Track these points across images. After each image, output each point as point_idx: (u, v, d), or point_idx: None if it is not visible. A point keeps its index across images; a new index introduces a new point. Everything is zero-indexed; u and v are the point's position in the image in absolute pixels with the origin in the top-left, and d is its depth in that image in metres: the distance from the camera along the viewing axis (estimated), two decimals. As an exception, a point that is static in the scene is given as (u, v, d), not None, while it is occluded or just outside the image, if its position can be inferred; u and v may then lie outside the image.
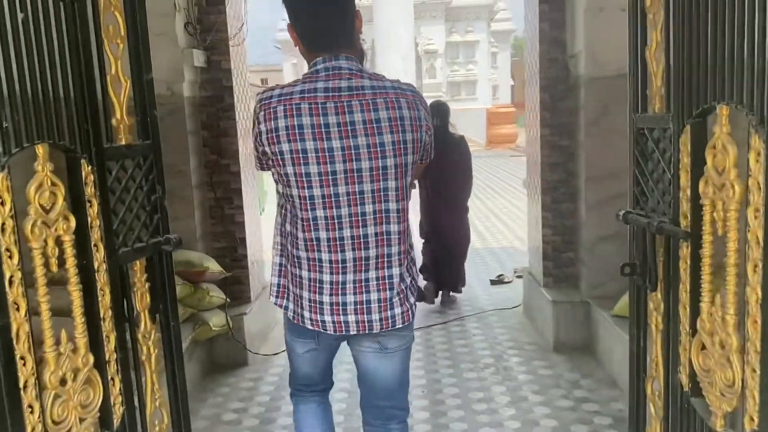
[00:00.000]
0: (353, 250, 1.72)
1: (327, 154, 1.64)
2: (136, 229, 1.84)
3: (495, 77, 34.74)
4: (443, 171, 4.59)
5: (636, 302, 2.14)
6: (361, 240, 1.71)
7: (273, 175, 1.77)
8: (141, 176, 1.89)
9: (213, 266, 3.65)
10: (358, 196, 1.68)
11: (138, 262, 1.90)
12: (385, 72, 2.09)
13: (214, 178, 4.01)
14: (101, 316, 1.64)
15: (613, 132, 3.67)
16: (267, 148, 1.69)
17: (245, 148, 4.17)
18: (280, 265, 1.86)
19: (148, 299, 1.95)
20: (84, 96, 1.58)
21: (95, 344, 1.61)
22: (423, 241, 5.08)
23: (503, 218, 9.33)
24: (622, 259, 2.16)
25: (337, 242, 1.71)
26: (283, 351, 3.02)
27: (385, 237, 1.73)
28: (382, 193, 1.69)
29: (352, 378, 3.10)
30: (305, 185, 1.68)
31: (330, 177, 1.66)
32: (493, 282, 5.63)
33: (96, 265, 1.62)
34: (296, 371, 2.04)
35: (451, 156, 4.78)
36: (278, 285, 1.87)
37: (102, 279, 1.65)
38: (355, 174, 1.66)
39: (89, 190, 1.61)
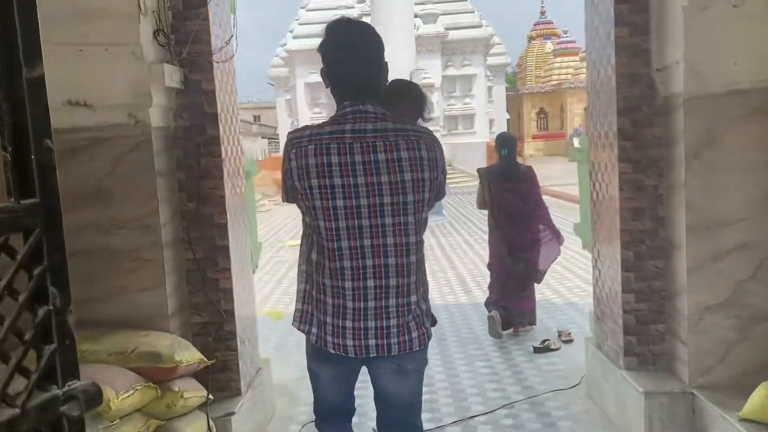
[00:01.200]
0: (375, 278, 1.86)
1: (353, 189, 1.81)
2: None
3: (491, 111, 34.22)
4: (514, 200, 4.77)
5: None
6: (382, 269, 1.86)
7: (301, 207, 1.92)
8: (15, 269, 0.94)
9: (188, 356, 2.66)
10: (380, 229, 1.84)
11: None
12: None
13: (193, 233, 3.05)
14: None
15: (724, 168, 2.78)
16: (297, 183, 1.85)
17: (234, 191, 3.23)
18: (305, 291, 1.98)
19: None
20: None
21: None
22: (492, 271, 5.12)
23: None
24: (738, 334, 1.21)
25: (360, 271, 1.85)
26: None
27: (405, 267, 1.87)
28: (403, 227, 1.85)
29: (363, 403, 2.56)
30: (332, 218, 1.83)
31: (355, 210, 1.82)
32: (536, 349, 4.64)
33: None
34: (320, 396, 2.12)
35: (521, 185, 4.86)
36: (302, 311, 1.98)
37: None
38: (378, 208, 1.83)
39: None
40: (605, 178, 3.27)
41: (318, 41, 1.95)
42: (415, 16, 28.19)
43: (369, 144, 1.81)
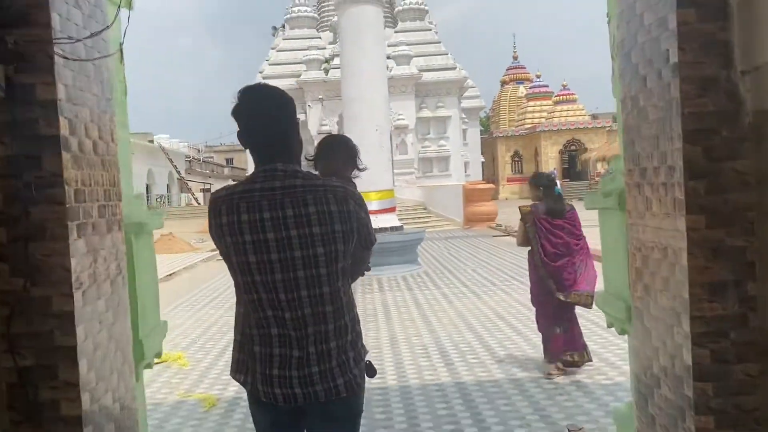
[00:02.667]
0: (294, 329, 1.89)
1: (263, 245, 1.86)
2: None
3: (466, 153, 33.63)
4: (563, 235, 4.92)
5: None
6: (299, 320, 1.89)
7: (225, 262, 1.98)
8: None
9: None
10: (292, 282, 1.88)
11: None
12: (360, 145, 2.76)
13: (17, 328, 1.90)
14: None
15: None
16: (215, 241, 1.95)
17: (94, 258, 2.09)
18: (239, 341, 2.00)
19: None
20: None
21: None
22: (539, 308, 5.15)
23: (522, 330, 7.12)
24: None
25: (281, 321, 1.90)
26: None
27: (321, 316, 1.90)
28: (315, 279, 1.89)
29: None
30: (247, 272, 1.89)
31: (267, 265, 1.87)
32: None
33: None
34: None
35: (567, 221, 5.02)
36: (237, 360, 2.01)
37: None
38: (289, 262, 1.87)
39: None
40: (659, 236, 2.21)
41: (289, 81, 2.47)
42: (388, 57, 27.65)
43: (277, 201, 1.86)
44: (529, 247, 5.08)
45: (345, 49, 11.76)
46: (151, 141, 42.98)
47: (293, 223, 1.83)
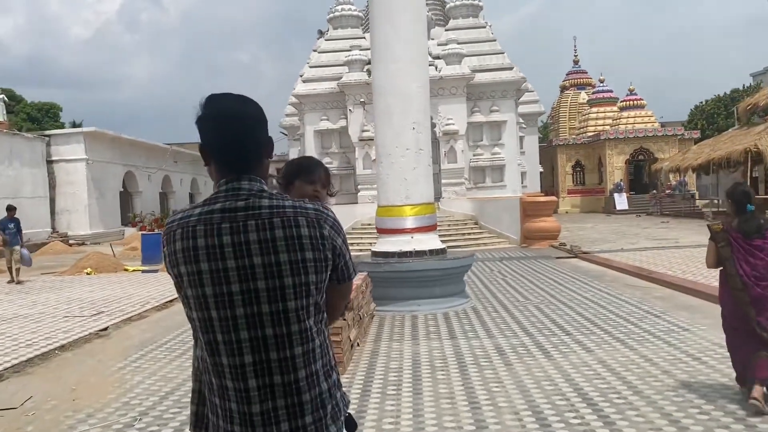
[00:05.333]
0: (256, 377, 1.62)
1: (222, 274, 1.62)
2: None
3: (523, 162, 30.82)
4: (755, 258, 4.52)
5: None
6: (264, 365, 1.62)
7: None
8: None
9: None
10: (256, 318, 1.62)
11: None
12: (394, 147, 3.44)
13: None
14: None
15: None
16: (169, 271, 1.72)
17: None
18: (197, 391, 1.84)
19: None
20: None
21: None
22: (733, 337, 4.73)
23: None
24: None
25: (239, 369, 1.62)
26: None
27: (290, 361, 1.63)
28: (283, 315, 1.63)
29: None
30: (203, 307, 1.65)
31: (226, 298, 1.63)
32: None
33: None
34: None
35: (762, 244, 4.55)
36: (195, 413, 1.86)
37: None
38: (252, 294, 1.62)
39: None
40: None
41: (330, 84, 8.49)
42: (437, 57, 25.28)
43: (240, 223, 1.63)
44: (720, 268, 4.74)
45: (376, 29, 9.43)
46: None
47: (258, 249, 1.61)
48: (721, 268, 4.72)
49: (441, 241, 9.92)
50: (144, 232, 22.77)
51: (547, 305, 9.14)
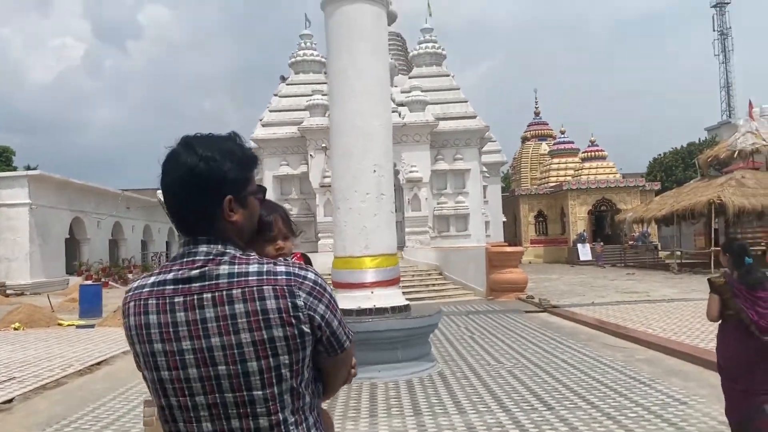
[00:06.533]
0: None
1: (178, 357, 1.41)
2: None
3: (486, 212, 30.28)
4: (762, 308, 4.40)
5: None
6: None
7: None
8: None
9: None
10: (221, 409, 1.40)
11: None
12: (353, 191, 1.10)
13: None
14: None
15: None
16: (129, 348, 1.53)
17: None
18: None
19: None
20: None
21: None
22: (730, 384, 4.57)
23: None
24: None
25: None
26: None
27: None
28: (249, 406, 1.40)
29: None
30: (160, 393, 1.45)
31: (184, 384, 1.41)
32: None
33: None
34: None
35: (760, 293, 4.45)
36: None
37: None
38: (213, 381, 1.40)
39: None
40: None
41: (291, 129, 8.00)
42: (401, 104, 24.81)
43: (194, 297, 1.41)
44: (720, 321, 4.65)
45: (333, 61, 8.62)
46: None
47: (216, 328, 1.39)
48: (721, 320, 4.68)
49: (404, 293, 8.93)
50: (83, 283, 21.19)
51: (522, 370, 8.15)
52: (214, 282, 1.41)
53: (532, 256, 38.55)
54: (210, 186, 1.47)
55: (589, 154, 39.46)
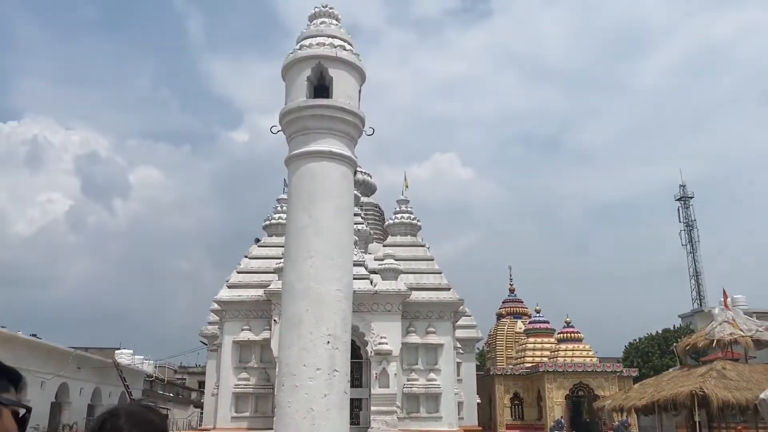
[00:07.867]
0: None
1: None
2: None
3: (459, 392, 28.51)
4: None
5: None
6: None
7: None
8: None
9: None
10: None
11: None
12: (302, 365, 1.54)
13: None
14: None
15: None
16: None
17: None
18: None
19: None
20: None
21: None
22: None
23: None
24: None
25: None
26: None
27: None
28: None
29: None
30: None
31: None
32: None
33: None
34: None
35: None
36: None
37: None
38: None
39: None
40: None
41: (257, 292, 7.29)
42: (374, 271, 24.15)
43: None
44: None
45: (291, 220, 7.91)
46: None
47: None
48: None
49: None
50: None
51: None
52: None
53: (507, 443, 35.92)
54: None
55: (565, 335, 38.50)
